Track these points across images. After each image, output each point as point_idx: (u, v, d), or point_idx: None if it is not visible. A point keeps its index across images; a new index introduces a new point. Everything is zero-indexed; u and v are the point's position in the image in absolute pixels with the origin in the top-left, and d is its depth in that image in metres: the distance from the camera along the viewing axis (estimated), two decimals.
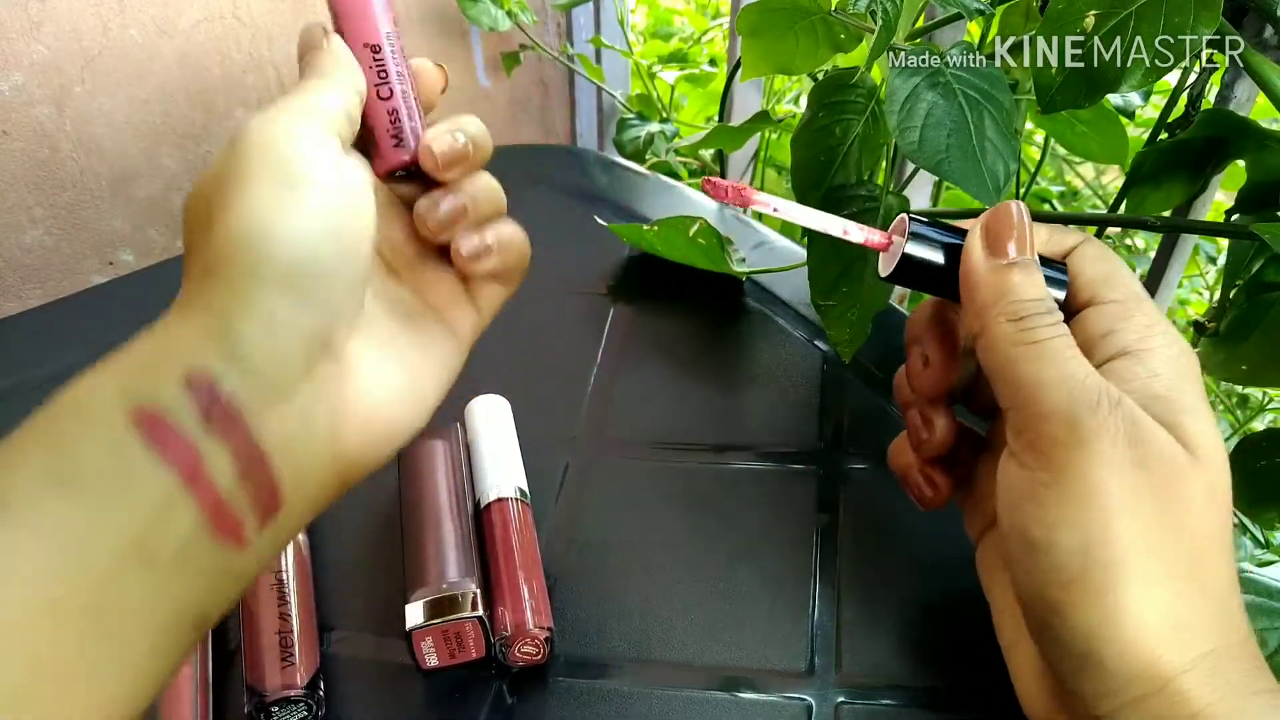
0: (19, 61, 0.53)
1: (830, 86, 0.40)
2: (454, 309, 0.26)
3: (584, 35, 0.80)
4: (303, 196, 0.20)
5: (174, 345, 0.19)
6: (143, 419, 0.18)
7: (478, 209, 0.25)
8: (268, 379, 0.20)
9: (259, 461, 0.19)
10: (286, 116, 0.21)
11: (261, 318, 0.20)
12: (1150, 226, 0.40)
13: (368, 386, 0.22)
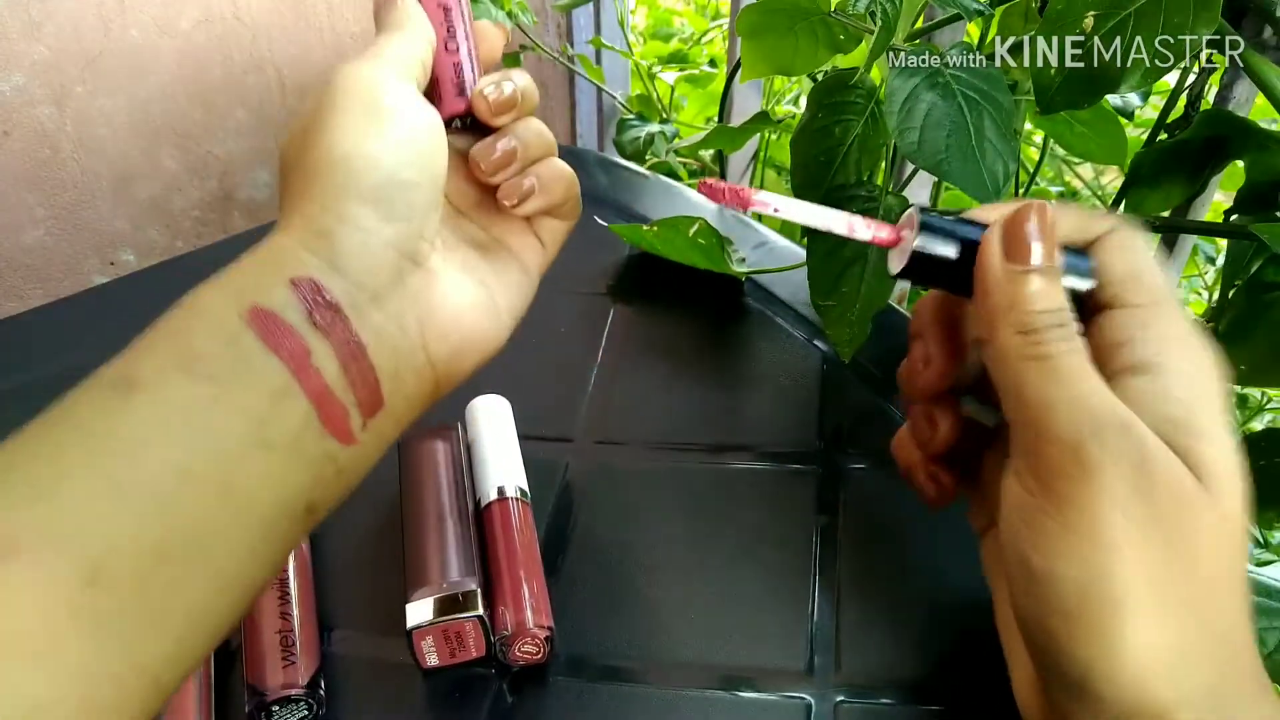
0: (20, 62, 0.53)
1: (830, 87, 0.40)
2: (519, 242, 0.29)
3: (584, 36, 0.80)
4: (385, 125, 0.23)
5: (278, 256, 0.22)
6: (255, 316, 0.21)
7: (527, 151, 0.27)
8: (363, 282, 0.22)
9: (359, 355, 0.22)
10: (370, 63, 0.24)
11: (354, 227, 0.22)
12: (1149, 227, 0.41)
13: (450, 296, 0.25)
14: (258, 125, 0.65)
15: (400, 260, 0.23)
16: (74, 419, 0.19)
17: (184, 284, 0.22)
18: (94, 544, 0.17)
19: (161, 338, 0.20)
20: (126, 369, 0.20)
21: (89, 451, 0.18)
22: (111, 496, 0.18)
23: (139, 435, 0.19)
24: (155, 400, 0.19)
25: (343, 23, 0.65)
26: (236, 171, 0.65)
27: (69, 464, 0.18)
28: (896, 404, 0.41)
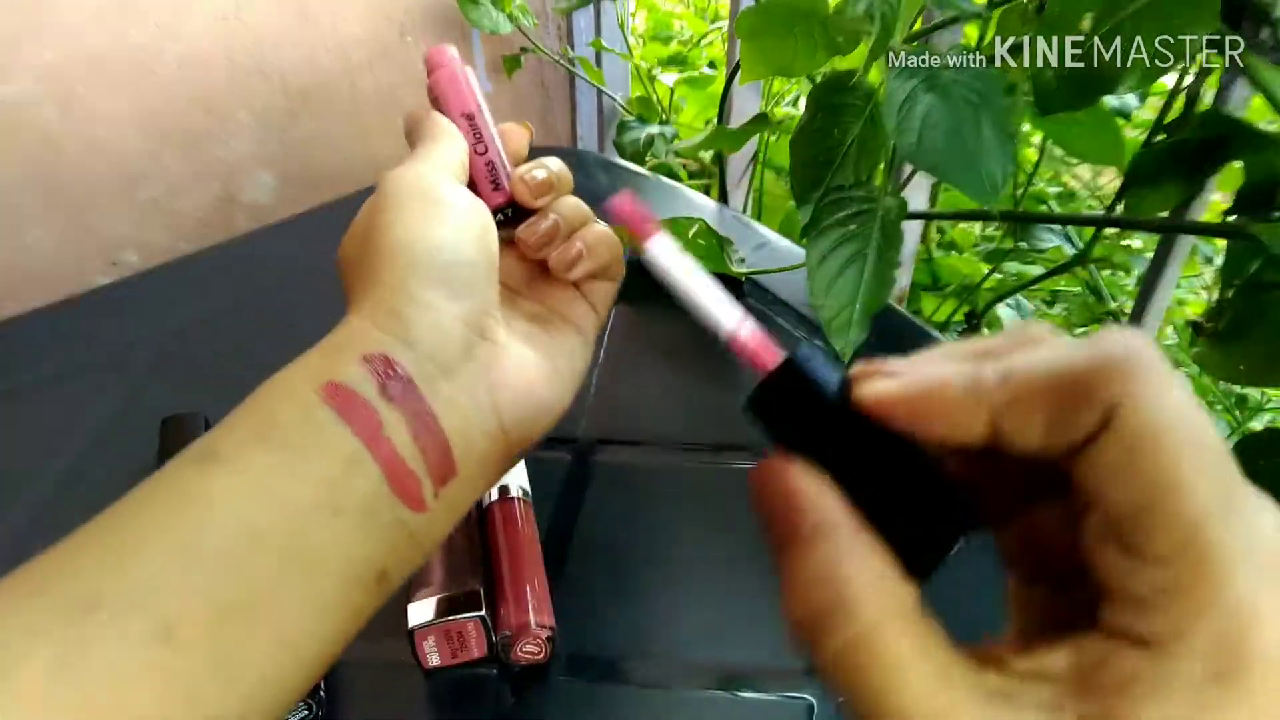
0: (24, 64, 0.53)
1: (829, 89, 0.40)
2: (572, 310, 0.30)
3: (584, 38, 0.80)
4: (442, 213, 0.26)
5: (351, 336, 0.23)
6: (329, 390, 0.22)
7: (568, 224, 0.30)
8: (433, 356, 0.24)
9: (431, 426, 0.23)
10: (418, 165, 0.27)
11: (424, 305, 0.24)
12: (1148, 227, 0.41)
13: (516, 366, 0.26)
14: (260, 127, 0.65)
15: (468, 334, 0.25)
16: (159, 489, 0.20)
17: (186, 285, 0.22)
18: (167, 603, 0.18)
19: (243, 414, 0.22)
20: (209, 444, 0.21)
21: (167, 516, 0.19)
22: (185, 558, 0.19)
23: (214, 500, 0.20)
24: (232, 469, 0.20)
25: (345, 25, 0.66)
26: (239, 173, 0.65)
27: (149, 529, 0.19)
28: None
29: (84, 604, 0.18)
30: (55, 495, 0.37)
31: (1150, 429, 0.15)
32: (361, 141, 0.71)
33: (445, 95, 0.30)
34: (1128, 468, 0.15)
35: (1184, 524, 0.14)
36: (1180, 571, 0.14)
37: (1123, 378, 0.15)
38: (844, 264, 0.38)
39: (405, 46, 0.70)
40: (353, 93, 0.69)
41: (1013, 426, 0.16)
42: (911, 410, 0.17)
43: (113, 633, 0.17)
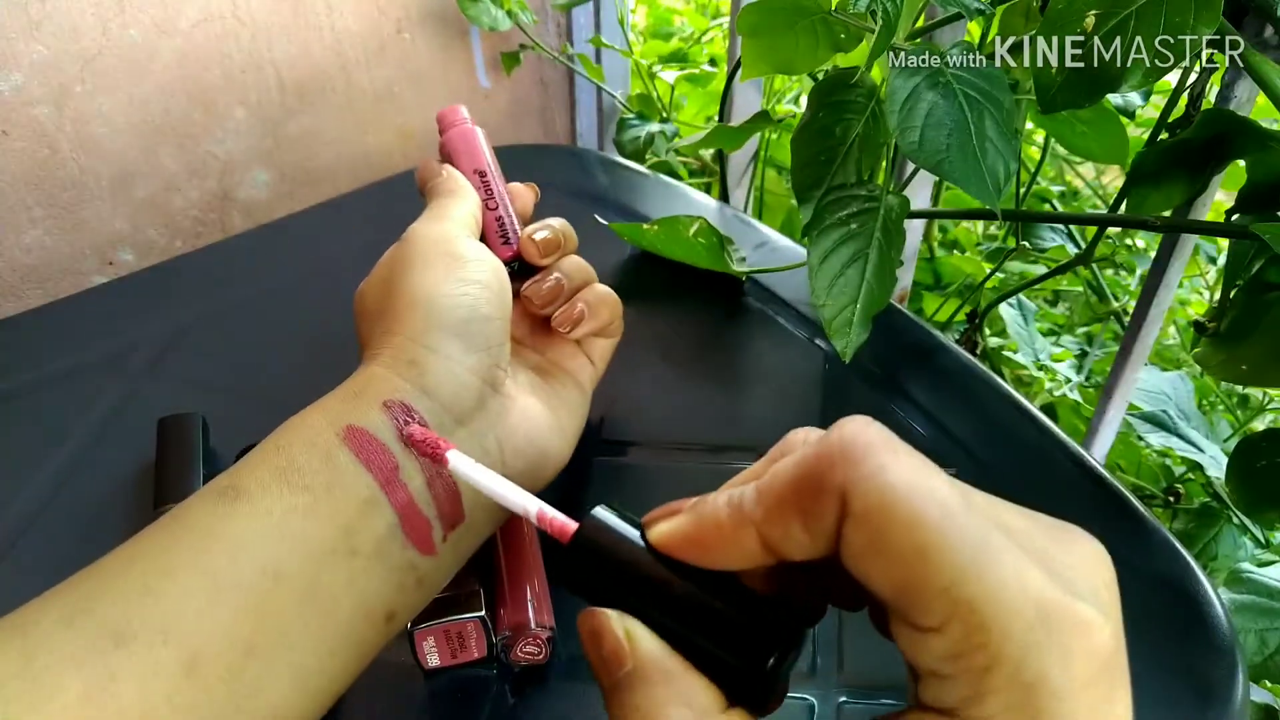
0: (18, 61, 0.53)
1: (830, 86, 0.40)
2: (572, 364, 0.32)
3: (584, 35, 0.80)
4: (464, 267, 0.27)
5: (372, 382, 0.24)
6: (350, 434, 0.23)
7: (571, 282, 0.31)
8: (449, 405, 0.25)
9: (444, 473, 0.23)
10: (439, 223, 0.28)
11: (442, 356, 0.25)
12: (1150, 226, 0.41)
13: (524, 417, 0.27)
14: (257, 124, 0.65)
15: (482, 386, 0.26)
16: (185, 522, 0.21)
17: (183, 284, 0.22)
18: (194, 637, 0.19)
19: (266, 453, 0.22)
20: (233, 479, 0.22)
21: (194, 552, 0.20)
22: (210, 593, 0.19)
23: (238, 538, 0.20)
24: (255, 508, 0.21)
25: (341, 21, 0.65)
26: (236, 171, 0.65)
27: (176, 563, 0.20)
28: (899, 404, 0.41)
29: (115, 635, 0.18)
30: (52, 495, 0.36)
31: (879, 507, 0.15)
32: (358, 138, 0.71)
33: (458, 152, 0.31)
34: (874, 549, 0.15)
35: (941, 593, 0.14)
36: (955, 639, 0.14)
37: (845, 464, 0.16)
38: (845, 263, 0.38)
39: (402, 43, 0.69)
40: (349, 89, 0.68)
41: (777, 539, 0.17)
42: (693, 545, 0.17)
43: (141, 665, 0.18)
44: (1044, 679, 0.14)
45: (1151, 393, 0.57)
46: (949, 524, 0.15)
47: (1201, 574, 0.32)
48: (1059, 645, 0.14)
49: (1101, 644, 0.14)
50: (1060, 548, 0.16)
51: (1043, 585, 0.14)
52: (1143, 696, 0.29)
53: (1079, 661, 0.14)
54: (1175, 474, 0.66)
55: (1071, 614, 0.14)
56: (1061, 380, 0.71)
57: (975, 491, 0.16)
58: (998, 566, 0.14)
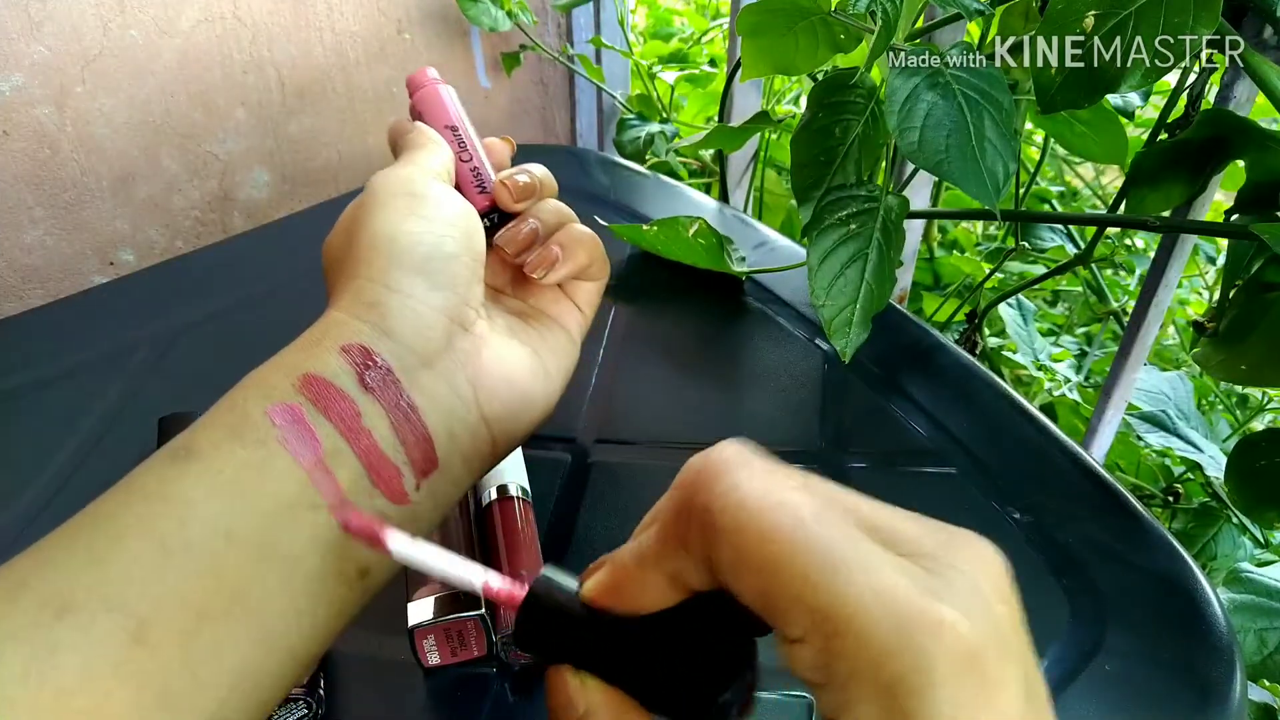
0: (19, 62, 0.53)
1: (830, 87, 0.40)
2: (557, 309, 0.30)
3: (584, 36, 0.80)
4: (425, 207, 0.25)
5: (329, 328, 0.23)
6: (306, 383, 0.21)
7: (547, 228, 0.29)
8: (413, 346, 0.23)
9: (411, 416, 0.22)
10: (404, 167, 0.27)
11: (403, 295, 0.23)
12: (1150, 227, 0.41)
13: (500, 358, 0.26)
14: (257, 125, 0.65)
15: (449, 325, 0.24)
16: (134, 487, 0.20)
17: (184, 284, 0.22)
18: (141, 603, 0.18)
19: (219, 411, 0.21)
20: (186, 440, 0.21)
21: (142, 516, 0.19)
22: (159, 557, 0.18)
23: (189, 498, 0.19)
24: (208, 467, 0.20)
25: (342, 22, 0.65)
26: (236, 171, 0.65)
27: (123, 527, 0.19)
28: (898, 404, 0.41)
29: (56, 606, 0.17)
30: (53, 494, 0.37)
31: (734, 525, 0.16)
32: (358, 138, 0.71)
33: (428, 111, 0.31)
34: (736, 565, 0.16)
35: (795, 602, 0.15)
36: (817, 648, 0.15)
37: (703, 487, 0.16)
38: (845, 263, 0.38)
39: (403, 43, 0.70)
40: (350, 90, 0.68)
41: (675, 572, 0.17)
42: (613, 593, 0.18)
43: (85, 635, 0.17)
44: (903, 680, 0.14)
45: (1151, 393, 0.57)
46: (800, 534, 0.15)
47: (1200, 573, 0.32)
48: (914, 646, 0.14)
49: (962, 642, 0.14)
50: (946, 552, 0.16)
51: (899, 589, 0.14)
52: (1142, 696, 0.29)
53: (938, 660, 0.14)
54: (1174, 474, 0.66)
55: (929, 615, 0.14)
56: (1061, 380, 0.71)
57: (850, 497, 0.17)
58: (852, 574, 0.15)
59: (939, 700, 0.14)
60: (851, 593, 0.14)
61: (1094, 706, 0.28)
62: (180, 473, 0.20)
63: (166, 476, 0.20)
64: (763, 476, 0.16)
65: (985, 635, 0.14)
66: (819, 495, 0.16)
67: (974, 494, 0.36)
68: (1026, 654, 0.15)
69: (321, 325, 0.23)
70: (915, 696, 0.14)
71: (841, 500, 0.17)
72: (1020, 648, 0.15)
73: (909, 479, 0.37)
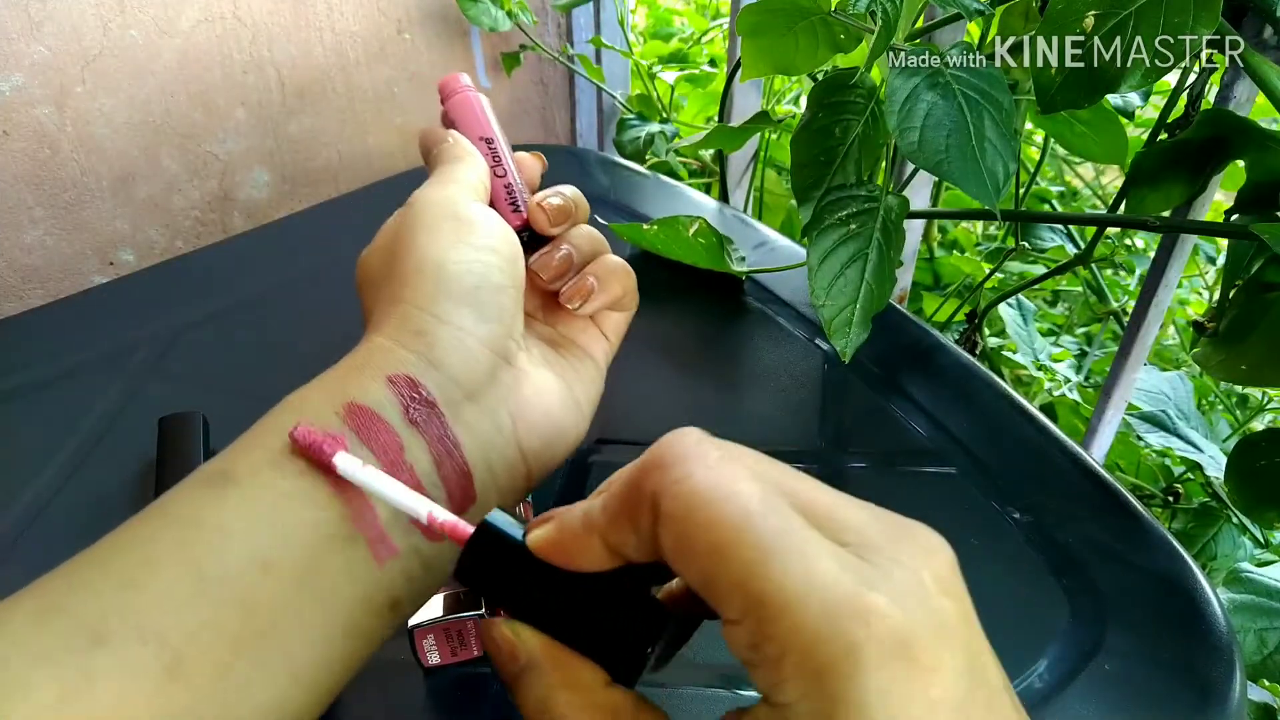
0: (19, 62, 0.53)
1: (830, 87, 0.40)
2: (585, 337, 0.30)
3: (584, 36, 0.80)
4: (473, 233, 0.25)
5: (375, 355, 0.23)
6: (351, 412, 0.21)
7: (581, 256, 0.29)
8: (459, 379, 0.23)
9: (453, 452, 0.22)
10: (445, 186, 0.27)
11: (452, 326, 0.23)
12: (1150, 227, 0.41)
13: (538, 392, 0.26)
14: (257, 125, 0.65)
15: (494, 358, 0.24)
16: (169, 511, 0.20)
17: (184, 284, 0.22)
18: (176, 634, 0.18)
19: (260, 434, 0.21)
20: (223, 464, 0.20)
21: (177, 542, 0.19)
22: (194, 586, 0.18)
23: (225, 526, 0.19)
24: (245, 494, 0.19)
25: (342, 21, 0.65)
26: (236, 171, 0.65)
27: (158, 554, 0.19)
28: (898, 404, 0.41)
29: (92, 633, 0.17)
30: (54, 495, 0.37)
31: (683, 511, 0.16)
32: (358, 139, 0.71)
33: (462, 119, 0.30)
34: (680, 549, 0.16)
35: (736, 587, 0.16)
36: (751, 630, 0.15)
37: (656, 473, 0.17)
38: (845, 263, 0.38)
39: (403, 43, 0.70)
40: (350, 90, 0.68)
41: (616, 544, 0.18)
42: (556, 549, 0.19)
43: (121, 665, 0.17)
44: (832, 663, 0.14)
45: (1151, 393, 0.57)
46: (745, 523, 0.16)
47: (1200, 573, 0.32)
48: (842, 631, 0.14)
49: (890, 628, 0.15)
50: (890, 543, 0.16)
51: (831, 576, 0.15)
52: (1141, 695, 0.29)
53: (866, 646, 0.14)
54: (1174, 474, 0.66)
55: (857, 603, 0.15)
56: (1061, 380, 0.71)
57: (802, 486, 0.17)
58: (787, 561, 0.15)
59: (866, 685, 0.14)
60: (787, 581, 0.15)
61: (1094, 706, 0.28)
62: (218, 499, 0.19)
63: (203, 502, 0.20)
64: (715, 468, 0.17)
65: (918, 624, 0.15)
66: (767, 483, 0.17)
67: (974, 494, 0.36)
68: (974, 644, 0.16)
69: (366, 350, 0.23)
70: (842, 679, 0.14)
71: (791, 487, 0.17)
72: (965, 638, 0.16)
73: (909, 479, 0.37)
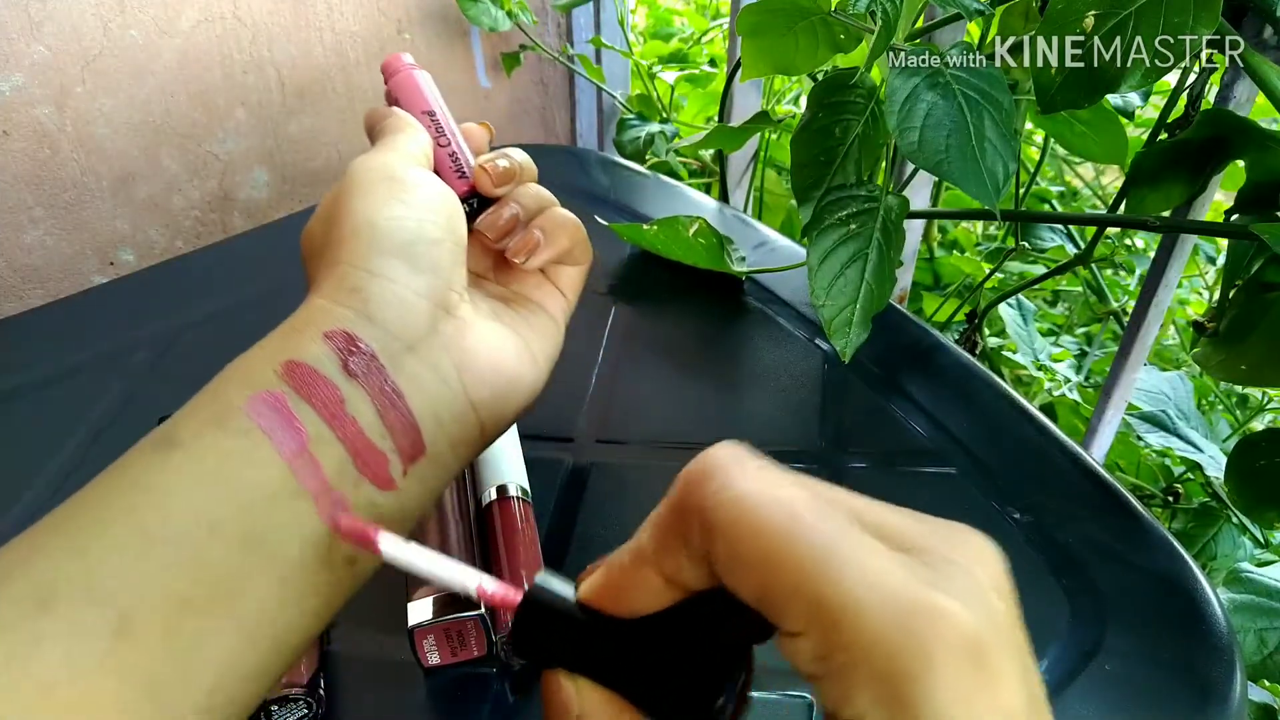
0: (19, 62, 0.53)
1: (830, 87, 0.40)
2: (540, 294, 0.30)
3: (584, 36, 0.80)
4: (406, 192, 0.25)
5: (312, 314, 0.23)
6: (289, 370, 0.21)
7: (527, 213, 0.29)
8: (396, 331, 0.23)
9: (396, 401, 0.22)
10: (383, 153, 0.27)
11: (385, 279, 0.23)
12: (1150, 227, 0.41)
13: (485, 342, 0.25)
14: (257, 125, 0.65)
15: (432, 309, 0.24)
16: (118, 476, 0.20)
17: (184, 284, 0.22)
18: (123, 595, 0.18)
19: (202, 399, 0.21)
20: (169, 429, 0.20)
21: (124, 506, 0.19)
22: (141, 547, 0.18)
23: (171, 488, 0.19)
24: (190, 456, 0.20)
25: (342, 21, 0.65)
26: (236, 171, 0.65)
27: (106, 517, 0.19)
28: (898, 404, 0.41)
29: (39, 598, 0.17)
30: (53, 495, 0.37)
31: (730, 521, 0.16)
32: (358, 138, 0.71)
33: (405, 97, 0.31)
34: (732, 561, 0.16)
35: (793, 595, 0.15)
36: (816, 641, 0.15)
37: (699, 486, 0.17)
38: (845, 263, 0.38)
39: (403, 43, 0.70)
40: (350, 90, 0.68)
41: (672, 572, 0.17)
42: (608, 594, 0.18)
43: (67, 628, 0.17)
44: (904, 670, 0.14)
45: (1151, 393, 0.57)
46: (795, 528, 0.15)
47: (1200, 573, 0.32)
48: (914, 635, 0.14)
49: (961, 632, 0.14)
50: (943, 546, 0.16)
51: (896, 579, 0.14)
52: (1141, 695, 0.29)
53: (938, 650, 0.14)
54: (1174, 474, 0.66)
55: (927, 605, 0.14)
56: (1061, 380, 0.71)
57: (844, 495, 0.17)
58: (847, 565, 0.15)
59: (939, 688, 0.13)
60: (848, 583, 0.14)
61: (1094, 706, 0.28)
62: (162, 462, 0.20)
63: (149, 466, 0.20)
64: (757, 474, 0.17)
65: (985, 626, 0.14)
66: (813, 491, 0.16)
67: (974, 494, 0.36)
68: (1024, 650, 0.15)
69: (303, 312, 0.23)
70: (915, 685, 0.14)
71: (836, 496, 0.17)
72: (1018, 643, 0.15)
73: (909, 479, 0.37)
